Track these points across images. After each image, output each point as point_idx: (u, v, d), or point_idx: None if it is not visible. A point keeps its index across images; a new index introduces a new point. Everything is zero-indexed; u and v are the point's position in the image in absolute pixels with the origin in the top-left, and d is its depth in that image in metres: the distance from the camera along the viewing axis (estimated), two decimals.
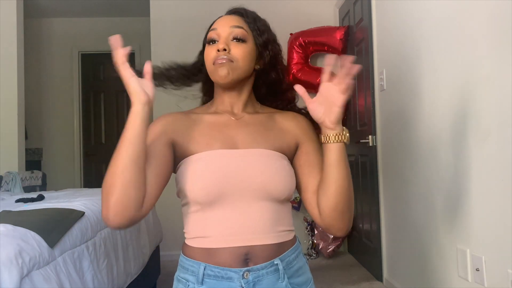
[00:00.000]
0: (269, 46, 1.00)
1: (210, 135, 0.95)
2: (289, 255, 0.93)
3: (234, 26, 0.96)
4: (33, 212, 1.55)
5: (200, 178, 0.88)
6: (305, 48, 3.42)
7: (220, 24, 0.98)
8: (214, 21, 1.01)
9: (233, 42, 0.95)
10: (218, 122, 0.98)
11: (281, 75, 1.04)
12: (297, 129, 1.00)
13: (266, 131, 0.98)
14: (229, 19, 0.98)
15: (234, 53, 0.94)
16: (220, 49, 0.93)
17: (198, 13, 3.47)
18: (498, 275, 1.47)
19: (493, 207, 1.49)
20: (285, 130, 1.00)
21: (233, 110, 1.01)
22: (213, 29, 0.98)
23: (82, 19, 4.79)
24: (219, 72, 0.93)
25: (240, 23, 0.97)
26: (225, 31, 0.96)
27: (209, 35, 0.98)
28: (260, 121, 1.00)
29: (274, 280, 0.89)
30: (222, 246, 0.88)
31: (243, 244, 0.88)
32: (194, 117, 1.00)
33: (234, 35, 0.96)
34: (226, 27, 0.96)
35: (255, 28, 0.99)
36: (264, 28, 1.01)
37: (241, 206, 0.88)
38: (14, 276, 1.08)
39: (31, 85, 4.44)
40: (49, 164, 4.71)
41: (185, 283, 0.91)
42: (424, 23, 2.01)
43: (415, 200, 2.16)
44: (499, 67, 1.43)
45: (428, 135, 1.98)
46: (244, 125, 0.98)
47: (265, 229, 0.89)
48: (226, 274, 0.87)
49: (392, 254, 2.59)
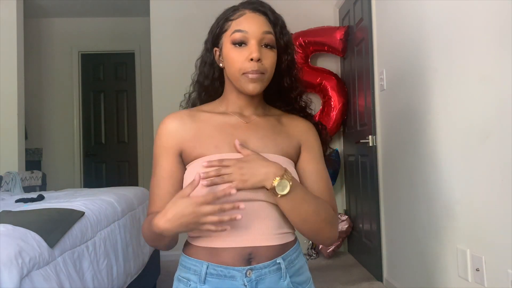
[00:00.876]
0: (288, 49, 0.98)
1: (219, 138, 0.93)
2: (291, 254, 0.93)
3: (266, 32, 0.92)
4: (33, 212, 1.55)
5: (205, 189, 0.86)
6: (305, 48, 3.42)
7: (250, 26, 0.91)
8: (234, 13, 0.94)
9: (263, 48, 0.91)
10: (227, 124, 0.96)
11: (294, 83, 1.02)
12: (301, 135, 1.00)
13: (275, 135, 0.97)
14: (257, 20, 0.92)
15: (266, 63, 0.91)
16: (255, 59, 0.89)
17: (198, 13, 3.47)
18: (498, 275, 1.47)
19: (493, 207, 1.49)
20: (291, 135, 0.99)
21: (243, 112, 0.99)
22: (242, 30, 0.91)
23: (82, 19, 4.79)
24: (251, 88, 0.91)
25: (269, 27, 0.93)
26: (256, 36, 0.91)
27: (236, 36, 0.91)
28: (270, 124, 0.99)
29: (277, 279, 0.90)
30: (226, 246, 0.88)
31: (247, 245, 0.88)
32: (203, 117, 0.97)
33: (266, 42, 0.92)
34: (258, 31, 0.91)
35: (278, 30, 0.95)
36: (285, 31, 0.98)
37: (248, 208, 0.87)
38: (14, 276, 1.08)
39: (31, 85, 4.44)
40: (49, 164, 4.71)
41: (187, 282, 0.91)
42: (424, 23, 2.01)
43: (415, 200, 2.16)
44: (499, 67, 1.43)
45: (428, 135, 1.98)
46: (254, 128, 0.96)
47: (270, 231, 0.90)
48: (229, 272, 0.88)
49: (392, 254, 2.59)
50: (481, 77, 1.54)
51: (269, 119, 1.00)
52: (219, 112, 0.99)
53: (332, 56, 3.57)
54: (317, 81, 3.35)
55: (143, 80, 4.81)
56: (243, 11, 0.94)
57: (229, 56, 0.92)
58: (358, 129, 3.10)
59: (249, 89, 0.91)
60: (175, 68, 3.41)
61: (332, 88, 3.33)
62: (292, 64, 1.00)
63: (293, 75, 1.01)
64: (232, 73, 0.93)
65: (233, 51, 0.92)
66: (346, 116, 3.40)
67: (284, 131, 0.99)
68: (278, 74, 0.99)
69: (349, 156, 3.40)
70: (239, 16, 0.93)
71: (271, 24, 0.94)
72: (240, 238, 0.88)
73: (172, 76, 3.43)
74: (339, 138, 3.62)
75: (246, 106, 0.99)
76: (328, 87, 3.34)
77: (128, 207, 2.15)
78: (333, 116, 3.34)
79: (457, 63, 1.71)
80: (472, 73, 1.60)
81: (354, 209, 3.31)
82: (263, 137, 0.95)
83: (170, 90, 3.31)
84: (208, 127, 0.95)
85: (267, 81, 0.94)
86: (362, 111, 3.01)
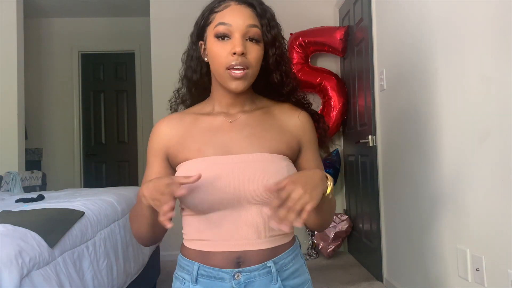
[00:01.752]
0: (276, 43, 0.93)
1: (203, 141, 0.91)
2: (285, 257, 0.91)
3: (251, 25, 0.88)
4: (33, 212, 1.55)
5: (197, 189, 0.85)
6: (305, 48, 3.42)
7: (233, 19, 0.88)
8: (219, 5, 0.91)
9: (248, 42, 0.88)
10: (211, 126, 0.93)
11: (285, 78, 0.97)
12: (299, 130, 0.95)
13: (263, 131, 0.92)
14: (242, 12, 0.89)
15: (250, 58, 0.87)
16: (238, 53, 0.85)
17: (198, 13, 3.45)
18: (498, 275, 1.47)
19: (493, 207, 1.49)
20: (285, 129, 0.94)
21: (230, 110, 0.95)
22: (225, 23, 0.88)
23: (82, 19, 4.79)
24: (234, 86, 0.88)
25: (255, 21, 0.89)
26: (240, 29, 0.87)
27: (219, 29, 0.88)
28: (258, 120, 0.94)
29: (267, 282, 0.88)
30: (215, 250, 0.89)
31: (236, 249, 0.88)
32: (189, 119, 0.96)
33: (250, 35, 0.88)
34: (242, 24, 0.87)
35: (265, 23, 0.91)
36: (273, 23, 0.93)
37: (234, 213, 0.87)
38: (14, 276, 1.08)
39: (31, 85, 4.44)
40: (49, 164, 4.71)
41: (182, 280, 0.92)
42: (424, 23, 2.01)
43: (415, 200, 2.16)
44: (499, 67, 1.43)
45: (428, 135, 1.98)
46: (239, 127, 0.93)
47: (259, 235, 0.88)
48: (218, 274, 0.88)
49: (392, 254, 2.59)
50: (481, 77, 1.54)
51: (257, 114, 0.95)
52: (205, 113, 0.96)
53: (332, 56, 3.57)
54: (317, 81, 3.35)
55: (143, 80, 4.81)
56: (229, 2, 0.90)
57: (212, 50, 0.89)
58: (358, 129, 3.10)
59: (232, 87, 0.88)
60: (175, 68, 3.37)
61: (332, 88, 3.33)
62: (281, 58, 0.95)
63: (282, 70, 0.96)
64: (216, 68, 0.90)
65: (216, 44, 0.88)
66: (346, 116, 3.40)
67: (275, 125, 0.94)
68: (267, 70, 0.95)
69: (349, 156, 3.40)
70: (224, 8, 0.90)
71: (258, 16, 0.90)
72: (228, 242, 0.88)
73: (172, 76, 3.38)
74: (339, 138, 3.62)
75: (233, 104, 0.95)
76: (328, 87, 3.34)
77: (128, 207, 2.15)
78: (333, 116, 3.34)
79: (457, 63, 1.71)
80: (472, 73, 1.60)
81: (354, 209, 3.31)
82: (248, 136, 0.91)
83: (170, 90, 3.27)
84: (193, 131, 0.93)
85: (252, 78, 0.90)
86: (362, 111, 3.01)
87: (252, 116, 0.95)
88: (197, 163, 0.89)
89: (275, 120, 0.96)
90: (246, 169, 0.86)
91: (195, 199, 0.86)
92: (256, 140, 0.91)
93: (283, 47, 0.96)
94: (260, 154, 0.89)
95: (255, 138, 0.91)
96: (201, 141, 0.92)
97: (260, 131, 0.92)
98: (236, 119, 0.94)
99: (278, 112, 0.97)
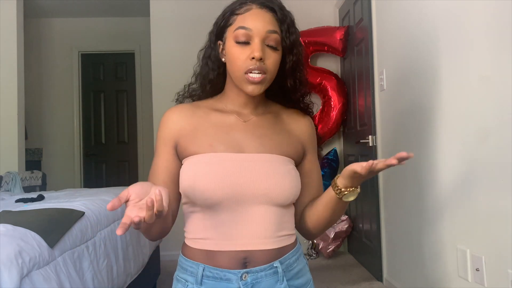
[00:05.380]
0: (294, 50, 0.95)
1: (215, 137, 0.92)
2: (290, 257, 0.92)
3: (271, 31, 0.89)
4: (33, 212, 1.55)
5: (201, 182, 0.86)
6: (305, 48, 3.42)
7: (254, 24, 0.88)
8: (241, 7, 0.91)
9: (267, 48, 0.89)
10: (224, 123, 0.94)
11: (297, 84, 0.98)
12: (304, 135, 1.00)
13: (274, 134, 0.95)
14: (263, 17, 0.89)
15: (268, 63, 0.88)
16: (257, 58, 0.86)
17: (198, 13, 3.47)
18: (498, 275, 1.47)
19: (493, 207, 1.49)
20: (292, 134, 0.97)
21: (242, 110, 0.96)
22: (246, 28, 0.88)
23: (82, 19, 4.79)
24: (250, 89, 0.89)
25: (275, 26, 0.90)
26: (260, 34, 0.88)
27: (240, 32, 0.88)
28: (269, 123, 0.96)
29: (273, 282, 0.88)
30: (221, 249, 0.88)
31: (242, 249, 0.87)
32: (201, 112, 0.96)
33: (269, 41, 0.89)
34: (262, 30, 0.88)
35: (284, 29, 0.91)
36: (293, 29, 0.93)
37: (243, 211, 0.87)
38: (14, 276, 1.08)
39: (31, 85, 4.44)
40: (49, 164, 4.71)
41: (184, 283, 0.91)
42: (424, 23, 2.01)
43: (415, 200, 2.16)
44: (499, 67, 1.43)
45: (428, 134, 1.98)
46: (252, 128, 0.94)
47: (266, 235, 0.88)
48: (225, 275, 0.87)
49: (392, 254, 2.59)
50: (481, 77, 1.54)
51: (268, 118, 0.98)
52: (217, 109, 0.97)
53: (332, 56, 3.57)
54: (317, 81, 3.36)
55: (143, 80, 4.81)
56: (250, 5, 0.90)
57: (231, 53, 0.90)
58: (358, 129, 3.10)
59: (248, 91, 0.89)
60: (175, 68, 3.41)
61: (332, 88, 3.33)
62: (296, 65, 0.96)
63: (297, 77, 0.97)
64: (233, 70, 0.90)
65: (235, 48, 0.89)
66: (346, 116, 3.40)
67: (284, 130, 0.97)
68: (282, 74, 0.96)
69: (349, 156, 3.40)
70: (245, 11, 0.90)
71: (278, 22, 0.91)
72: (235, 242, 0.87)
73: (172, 76, 3.43)
74: (339, 138, 3.62)
75: (246, 105, 0.96)
76: (328, 87, 3.34)
77: None
78: (333, 116, 3.34)
79: (457, 63, 1.71)
80: (473, 72, 1.60)
81: (354, 209, 3.31)
82: (261, 137, 0.93)
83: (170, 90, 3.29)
84: (205, 125, 0.94)
85: (268, 83, 0.91)
86: (362, 111, 3.01)
87: (264, 118, 0.97)
88: (209, 158, 0.89)
89: (284, 125, 0.99)
90: (258, 168, 0.88)
91: (205, 193, 0.85)
92: (268, 142, 0.93)
93: (300, 54, 0.97)
94: (271, 155, 0.91)
95: (266, 139, 0.93)
96: (214, 136, 0.92)
97: (271, 134, 0.95)
98: (250, 119, 0.96)
99: (286, 117, 1.00)
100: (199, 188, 0.85)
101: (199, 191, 0.86)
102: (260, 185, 0.86)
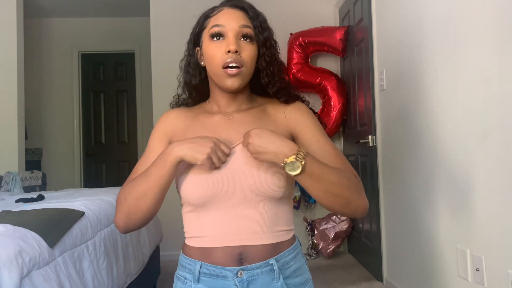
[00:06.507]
0: (267, 43, 0.96)
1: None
2: (286, 255, 0.92)
3: (244, 26, 0.92)
4: (33, 212, 1.55)
5: (190, 181, 0.88)
6: (305, 48, 3.42)
7: (226, 20, 0.92)
8: (213, 11, 0.96)
9: (242, 41, 0.92)
10: (210, 122, 0.97)
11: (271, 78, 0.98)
12: (290, 120, 0.97)
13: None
14: (235, 14, 0.93)
15: (244, 56, 0.91)
16: (232, 51, 0.89)
17: (198, 13, 3.44)
18: (498, 275, 1.47)
19: (493, 207, 1.49)
20: (280, 123, 0.97)
21: (227, 109, 0.99)
22: (219, 25, 0.92)
23: (82, 19, 4.79)
24: (229, 83, 0.91)
25: (247, 22, 0.93)
26: (233, 29, 0.91)
27: (214, 30, 0.92)
28: (253, 117, 0.97)
29: (269, 280, 0.89)
30: (216, 246, 0.89)
31: (237, 244, 0.88)
32: (192, 115, 1.00)
33: (244, 34, 0.92)
34: (235, 25, 0.91)
35: (257, 25, 0.95)
36: (265, 26, 0.97)
37: (235, 207, 0.88)
38: (14, 276, 1.08)
39: (31, 85, 4.45)
40: (49, 164, 4.71)
41: (183, 280, 0.92)
42: (424, 23, 2.01)
43: (415, 200, 2.16)
44: (499, 67, 1.43)
45: (428, 135, 1.98)
46: (236, 125, 0.95)
47: (260, 229, 0.89)
48: (221, 272, 0.88)
49: (392, 254, 2.59)
50: (481, 77, 1.54)
51: (253, 112, 0.98)
52: (205, 111, 1.01)
53: (332, 56, 3.57)
54: (317, 81, 3.35)
55: (143, 80, 4.81)
56: (222, 7, 0.96)
57: (208, 51, 0.93)
58: (358, 129, 3.10)
59: (227, 85, 0.91)
60: (175, 68, 3.37)
61: (332, 88, 3.33)
62: (270, 59, 0.97)
63: (270, 70, 0.97)
64: (212, 68, 0.93)
65: (211, 45, 0.92)
66: (346, 116, 3.40)
67: (270, 121, 0.97)
68: (258, 70, 0.98)
69: (349, 156, 3.40)
70: (217, 12, 0.95)
71: (250, 19, 0.94)
72: (230, 238, 0.88)
73: (172, 76, 3.38)
74: (339, 138, 3.63)
75: (230, 104, 0.99)
76: (328, 87, 3.34)
77: None
78: (333, 116, 3.34)
79: (457, 63, 1.71)
80: (472, 73, 1.60)
81: None
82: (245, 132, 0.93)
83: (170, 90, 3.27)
84: (194, 125, 0.97)
85: (247, 75, 0.93)
86: (362, 111, 3.01)
87: (248, 114, 0.98)
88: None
89: (269, 116, 0.99)
90: (243, 163, 0.88)
91: (194, 193, 0.88)
92: None
93: (275, 50, 0.99)
94: None
95: None
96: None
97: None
98: (233, 116, 0.98)
99: (272, 109, 1.00)
100: (187, 187, 0.89)
101: (187, 190, 0.89)
102: (247, 180, 0.87)
